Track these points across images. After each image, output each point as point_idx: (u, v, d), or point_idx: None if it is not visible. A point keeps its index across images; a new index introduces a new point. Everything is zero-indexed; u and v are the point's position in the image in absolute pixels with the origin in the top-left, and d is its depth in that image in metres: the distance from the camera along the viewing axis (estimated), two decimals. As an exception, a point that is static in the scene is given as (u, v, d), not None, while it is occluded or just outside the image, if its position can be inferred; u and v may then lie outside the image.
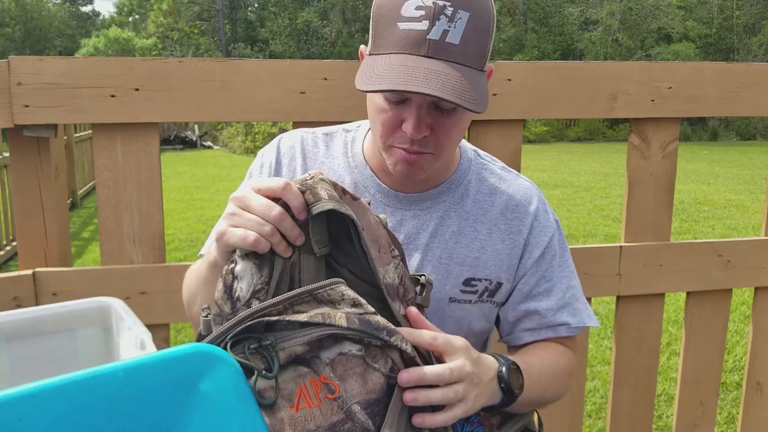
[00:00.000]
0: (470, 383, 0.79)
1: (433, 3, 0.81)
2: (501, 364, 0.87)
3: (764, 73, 1.58)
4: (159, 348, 0.71)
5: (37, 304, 1.30)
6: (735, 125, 19.99)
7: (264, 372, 0.66)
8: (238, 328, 0.68)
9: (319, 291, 0.71)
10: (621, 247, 1.57)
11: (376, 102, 0.90)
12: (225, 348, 0.66)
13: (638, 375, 1.66)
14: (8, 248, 5.14)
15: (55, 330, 0.97)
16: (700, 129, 19.68)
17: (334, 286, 0.72)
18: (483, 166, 1.06)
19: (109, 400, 0.57)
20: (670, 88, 1.53)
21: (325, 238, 0.77)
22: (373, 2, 0.88)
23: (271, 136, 15.69)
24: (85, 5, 39.56)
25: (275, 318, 0.69)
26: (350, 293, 0.72)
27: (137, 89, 1.31)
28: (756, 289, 1.71)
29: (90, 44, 24.70)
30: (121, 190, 1.36)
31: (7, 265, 5.00)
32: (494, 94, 1.45)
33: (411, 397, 0.75)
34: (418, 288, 0.85)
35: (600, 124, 19.66)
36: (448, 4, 0.81)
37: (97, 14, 40.58)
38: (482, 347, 1.09)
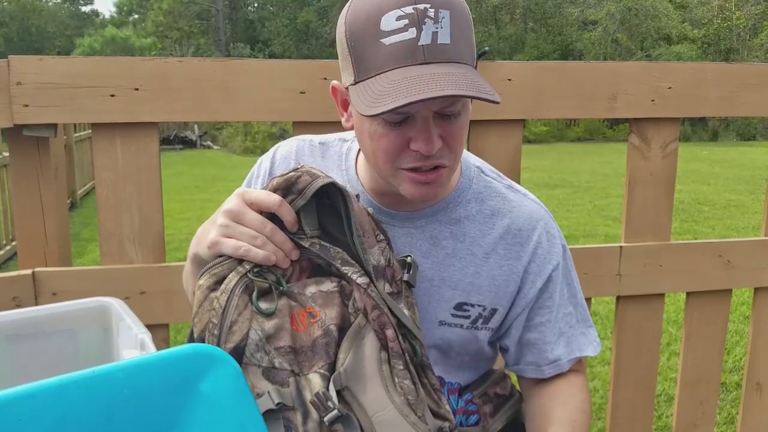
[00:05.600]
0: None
1: (413, 8, 0.76)
2: None
3: (764, 73, 1.57)
4: (159, 348, 0.71)
5: (36, 304, 1.30)
6: (735, 125, 19.99)
7: (280, 285, 0.79)
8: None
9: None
10: (621, 247, 1.57)
11: (370, 129, 0.84)
12: (248, 274, 0.78)
13: (638, 375, 1.66)
14: (8, 248, 5.14)
15: (55, 330, 0.97)
16: (700, 129, 19.67)
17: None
18: (486, 184, 1.00)
19: (109, 400, 0.57)
20: (670, 88, 1.53)
21: (314, 222, 0.82)
22: (341, 30, 0.82)
23: (271, 136, 15.75)
24: (86, 5, 39.57)
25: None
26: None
27: (137, 89, 1.31)
28: (756, 289, 1.71)
29: (85, 44, 24.14)
30: (120, 190, 1.36)
31: (7, 265, 5.00)
32: (494, 94, 1.44)
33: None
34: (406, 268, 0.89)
35: (600, 124, 19.65)
36: (428, 6, 0.77)
37: (97, 14, 40.59)
38: (486, 364, 1.08)
